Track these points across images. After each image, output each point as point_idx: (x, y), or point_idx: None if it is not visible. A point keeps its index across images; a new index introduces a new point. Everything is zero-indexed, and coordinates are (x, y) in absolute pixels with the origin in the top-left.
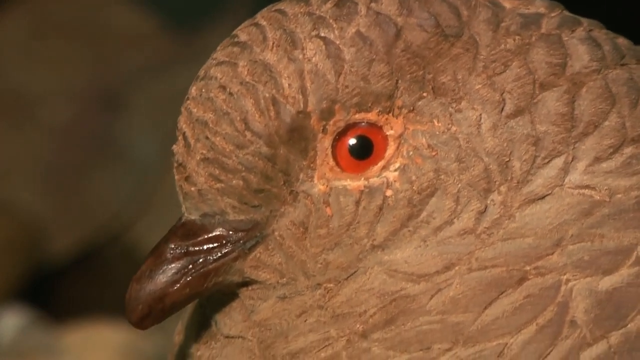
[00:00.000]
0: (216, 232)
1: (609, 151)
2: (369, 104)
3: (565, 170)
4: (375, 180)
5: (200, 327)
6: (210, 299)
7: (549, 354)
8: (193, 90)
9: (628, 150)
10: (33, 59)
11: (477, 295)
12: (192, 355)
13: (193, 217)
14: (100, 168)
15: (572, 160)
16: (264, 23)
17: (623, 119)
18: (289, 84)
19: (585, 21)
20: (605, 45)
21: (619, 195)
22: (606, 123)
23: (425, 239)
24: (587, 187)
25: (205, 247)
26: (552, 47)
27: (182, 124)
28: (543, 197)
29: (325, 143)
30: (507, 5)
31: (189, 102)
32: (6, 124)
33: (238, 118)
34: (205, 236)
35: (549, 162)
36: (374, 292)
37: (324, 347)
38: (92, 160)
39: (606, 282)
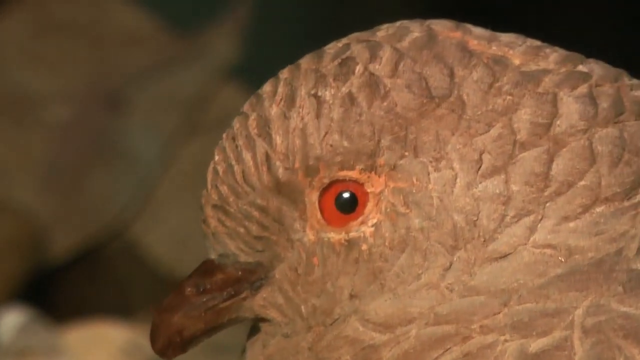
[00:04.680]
0: (229, 272)
1: (578, 210)
2: (351, 162)
3: (532, 229)
4: (353, 235)
5: (242, 353)
6: (251, 328)
7: None
8: (223, 136)
9: (599, 210)
10: (33, 59)
11: (425, 350)
12: None
13: (212, 257)
14: (100, 168)
15: (541, 220)
16: (282, 76)
17: (600, 178)
18: (281, 141)
19: (598, 75)
20: (603, 102)
21: (576, 256)
22: (581, 183)
23: (395, 291)
24: (548, 246)
25: (219, 285)
26: (541, 106)
27: (208, 168)
28: (505, 256)
29: (312, 197)
30: (517, 61)
31: (216, 148)
32: (6, 124)
33: (239, 170)
34: (220, 275)
35: (517, 221)
36: (348, 339)
37: None
38: (92, 160)
39: (537, 345)
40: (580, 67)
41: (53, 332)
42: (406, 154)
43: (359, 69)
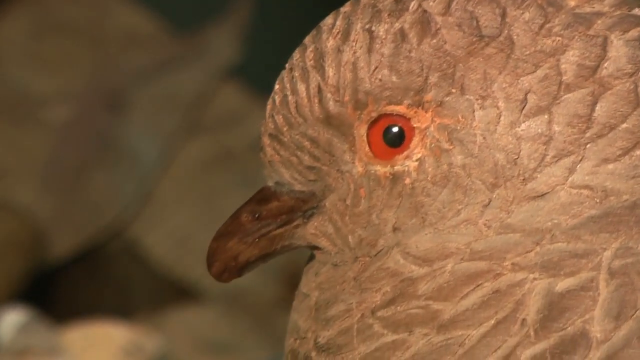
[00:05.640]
0: (284, 200)
1: (617, 153)
2: (399, 97)
3: (572, 170)
4: (398, 168)
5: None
6: (309, 256)
7: (498, 348)
8: (285, 66)
9: (639, 153)
10: (33, 59)
11: (458, 285)
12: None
13: (269, 184)
14: (100, 167)
15: (580, 161)
16: (344, 10)
17: None
18: (333, 74)
19: None
20: None
21: (612, 198)
22: (623, 125)
23: (435, 226)
24: (586, 187)
25: (273, 213)
26: (589, 49)
27: (269, 99)
28: (543, 195)
29: (361, 130)
30: (572, 3)
31: (277, 78)
32: (6, 124)
33: (293, 101)
34: (275, 203)
35: (557, 161)
36: (389, 271)
37: (345, 318)
38: (92, 160)
39: (564, 284)
40: (636, 11)
41: (53, 332)
42: (453, 91)
43: (413, 5)
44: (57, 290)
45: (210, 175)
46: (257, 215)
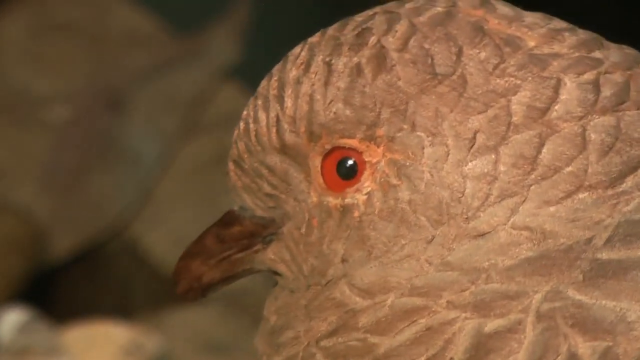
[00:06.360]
0: (246, 225)
1: (560, 195)
2: (352, 131)
3: (514, 210)
4: (348, 201)
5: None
6: (275, 281)
7: None
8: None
9: (581, 197)
10: (33, 59)
11: (395, 320)
12: None
13: (235, 208)
14: (100, 168)
15: (523, 202)
16: (311, 40)
17: (587, 165)
18: (291, 105)
19: (612, 62)
20: (607, 90)
21: (549, 241)
22: (568, 169)
23: (380, 259)
24: (526, 228)
25: (235, 236)
26: (541, 90)
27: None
28: (484, 235)
29: (315, 161)
30: (532, 43)
31: (247, 105)
32: (6, 124)
33: (254, 129)
34: (238, 227)
35: (500, 201)
36: (336, 301)
37: (294, 345)
38: (92, 160)
39: (493, 325)
40: (595, 53)
41: (53, 332)
42: (404, 127)
43: (372, 40)
44: (57, 290)
45: (210, 175)
46: (220, 239)
